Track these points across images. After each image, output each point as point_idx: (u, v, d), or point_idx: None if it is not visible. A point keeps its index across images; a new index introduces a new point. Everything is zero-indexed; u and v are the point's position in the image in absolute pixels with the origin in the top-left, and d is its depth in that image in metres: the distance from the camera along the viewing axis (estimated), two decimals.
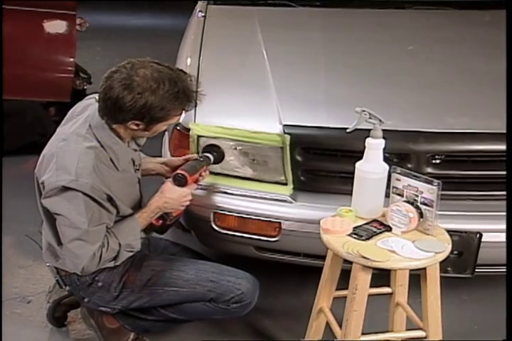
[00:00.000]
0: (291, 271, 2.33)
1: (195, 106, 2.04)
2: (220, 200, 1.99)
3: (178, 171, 1.83)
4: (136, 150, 1.83)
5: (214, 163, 1.94)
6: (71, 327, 2.13)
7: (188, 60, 2.41)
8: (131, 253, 1.80)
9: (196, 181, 1.87)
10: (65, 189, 1.63)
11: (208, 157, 1.92)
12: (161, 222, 1.86)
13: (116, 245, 1.73)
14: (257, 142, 1.96)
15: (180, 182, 1.82)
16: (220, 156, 1.95)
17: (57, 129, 1.79)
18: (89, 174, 1.63)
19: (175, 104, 1.64)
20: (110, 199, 1.71)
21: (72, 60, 3.33)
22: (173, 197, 1.81)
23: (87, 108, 1.75)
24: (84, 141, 1.67)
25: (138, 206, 1.87)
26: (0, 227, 2.60)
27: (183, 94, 1.64)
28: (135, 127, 1.67)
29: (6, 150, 3.32)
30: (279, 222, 1.95)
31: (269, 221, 1.96)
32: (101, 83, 1.63)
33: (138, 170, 1.85)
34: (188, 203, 1.86)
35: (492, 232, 1.87)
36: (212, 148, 1.95)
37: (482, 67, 2.31)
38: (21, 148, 3.39)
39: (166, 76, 1.62)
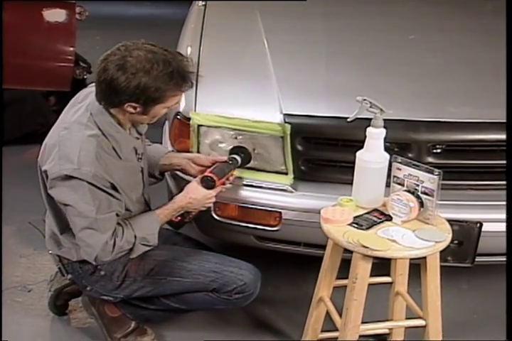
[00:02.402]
0: (291, 260, 2.34)
1: (196, 95, 2.05)
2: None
3: (208, 174, 1.82)
4: (138, 138, 1.82)
5: (241, 165, 1.92)
6: (72, 316, 2.14)
7: (189, 49, 2.40)
8: (148, 248, 1.79)
9: (223, 184, 1.86)
10: (69, 178, 1.63)
11: (235, 159, 1.90)
12: (179, 218, 1.86)
13: (131, 237, 1.73)
14: (257, 131, 1.95)
15: (209, 184, 1.81)
16: (247, 158, 1.93)
17: (59, 117, 1.78)
18: (91, 162, 1.63)
19: (169, 84, 1.62)
20: (114, 187, 1.70)
21: (72, 49, 3.32)
22: (198, 198, 1.81)
23: (89, 96, 1.74)
24: (86, 130, 1.66)
25: (140, 196, 1.86)
26: (0, 216, 2.60)
27: (177, 74, 1.62)
28: (132, 110, 1.65)
29: (6, 140, 3.32)
30: (280, 212, 1.95)
31: (270, 210, 1.96)
32: (97, 66, 1.63)
33: (141, 158, 1.84)
34: (210, 205, 1.87)
35: (492, 222, 1.86)
36: (240, 150, 1.93)
37: (484, 56, 2.30)
38: (21, 138, 3.38)
39: (160, 56, 1.61)
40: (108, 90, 1.61)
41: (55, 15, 3.27)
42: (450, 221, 1.69)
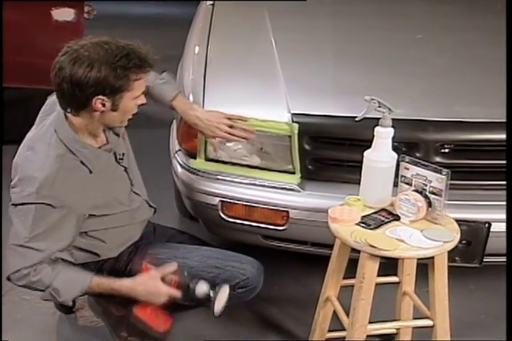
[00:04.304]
0: (298, 259, 2.33)
1: (203, 94, 2.05)
2: (228, 189, 1.99)
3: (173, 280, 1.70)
4: (110, 150, 1.74)
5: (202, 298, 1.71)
6: (79, 314, 2.13)
7: (196, 49, 2.40)
8: (53, 300, 1.73)
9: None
10: (24, 203, 1.60)
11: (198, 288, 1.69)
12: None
13: (48, 281, 1.66)
14: (264, 131, 1.95)
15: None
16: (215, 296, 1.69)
17: (29, 133, 1.74)
18: (50, 185, 1.58)
19: (129, 66, 1.56)
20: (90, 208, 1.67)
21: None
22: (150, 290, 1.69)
23: (55, 107, 1.69)
24: (50, 149, 1.62)
25: (128, 193, 1.82)
26: (0, 215, 2.59)
27: (133, 55, 1.57)
28: (101, 107, 1.59)
29: (14, 139, 3.32)
30: (287, 211, 1.95)
31: (277, 210, 1.96)
32: (51, 71, 1.58)
33: (122, 159, 1.79)
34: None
35: (501, 222, 1.85)
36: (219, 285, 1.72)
37: (492, 55, 2.29)
38: None
39: (112, 44, 1.57)
40: (71, 89, 1.55)
41: (63, 14, 3.27)
42: (458, 221, 1.69)
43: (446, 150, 1.93)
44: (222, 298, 1.68)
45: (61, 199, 1.61)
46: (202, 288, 1.68)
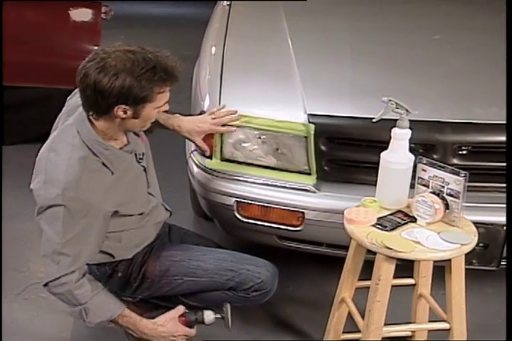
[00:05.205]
0: (313, 260, 2.33)
1: (220, 94, 2.06)
2: (244, 189, 1.99)
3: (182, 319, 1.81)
4: (131, 151, 1.75)
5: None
6: None
7: (213, 49, 2.41)
8: (79, 318, 1.74)
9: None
10: (52, 206, 1.61)
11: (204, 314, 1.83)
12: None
13: (83, 300, 1.68)
14: (281, 131, 1.95)
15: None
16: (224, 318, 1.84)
17: (52, 134, 1.75)
18: (76, 187, 1.59)
19: (154, 79, 1.56)
20: (114, 207, 1.67)
21: (96, 48, 3.34)
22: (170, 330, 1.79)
23: (77, 108, 1.69)
24: (73, 151, 1.62)
25: (145, 195, 1.83)
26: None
27: (160, 68, 1.57)
28: (123, 114, 1.59)
29: (31, 138, 3.36)
30: (303, 212, 1.95)
31: (293, 210, 1.96)
32: (77, 76, 1.58)
33: (142, 159, 1.80)
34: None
35: None
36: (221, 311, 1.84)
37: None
38: (46, 135, 3.42)
39: (140, 54, 1.57)
40: (94, 96, 1.56)
41: (81, 14, 3.30)
42: (476, 223, 1.67)
43: (464, 152, 1.91)
44: (230, 315, 1.82)
45: (87, 201, 1.62)
46: (209, 316, 1.82)
